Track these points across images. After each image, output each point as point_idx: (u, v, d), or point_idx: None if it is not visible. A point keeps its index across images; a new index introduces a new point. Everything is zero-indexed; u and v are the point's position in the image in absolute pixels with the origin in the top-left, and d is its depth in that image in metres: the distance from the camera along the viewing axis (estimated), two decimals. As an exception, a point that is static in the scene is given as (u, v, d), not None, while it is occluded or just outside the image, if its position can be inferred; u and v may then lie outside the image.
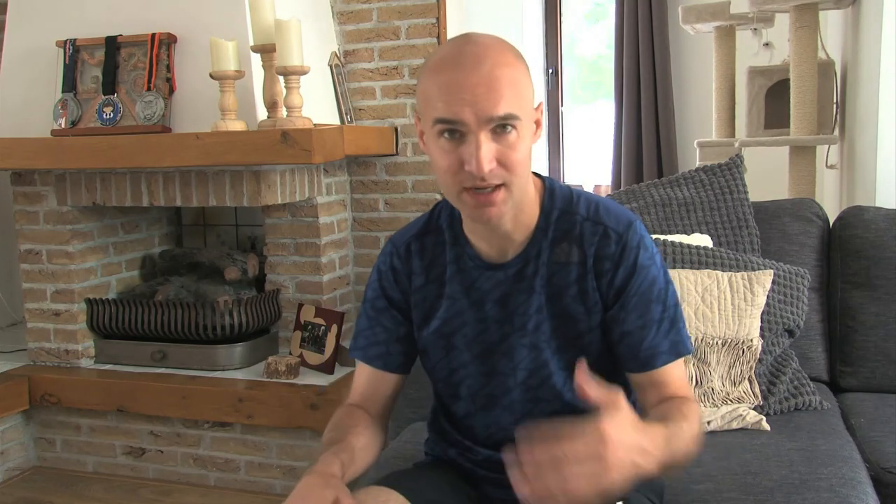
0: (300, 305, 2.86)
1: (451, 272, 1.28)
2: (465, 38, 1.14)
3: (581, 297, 1.23)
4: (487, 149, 1.10)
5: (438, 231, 1.31)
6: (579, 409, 1.24)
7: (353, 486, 1.23)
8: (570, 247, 1.23)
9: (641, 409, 1.35)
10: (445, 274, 1.29)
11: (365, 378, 1.35)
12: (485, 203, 1.13)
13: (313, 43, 2.79)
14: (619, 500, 1.02)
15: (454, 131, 1.11)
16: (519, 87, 1.12)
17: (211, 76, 2.52)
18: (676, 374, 1.23)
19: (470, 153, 1.10)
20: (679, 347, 1.23)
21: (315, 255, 2.86)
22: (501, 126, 1.10)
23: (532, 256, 1.24)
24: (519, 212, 1.20)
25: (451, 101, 1.09)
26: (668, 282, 1.24)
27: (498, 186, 1.12)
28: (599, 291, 1.22)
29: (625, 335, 1.22)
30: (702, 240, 2.00)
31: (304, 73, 2.49)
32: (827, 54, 3.19)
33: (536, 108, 1.17)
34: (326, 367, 2.74)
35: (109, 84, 2.72)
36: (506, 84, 1.10)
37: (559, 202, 1.25)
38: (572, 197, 1.26)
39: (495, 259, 1.26)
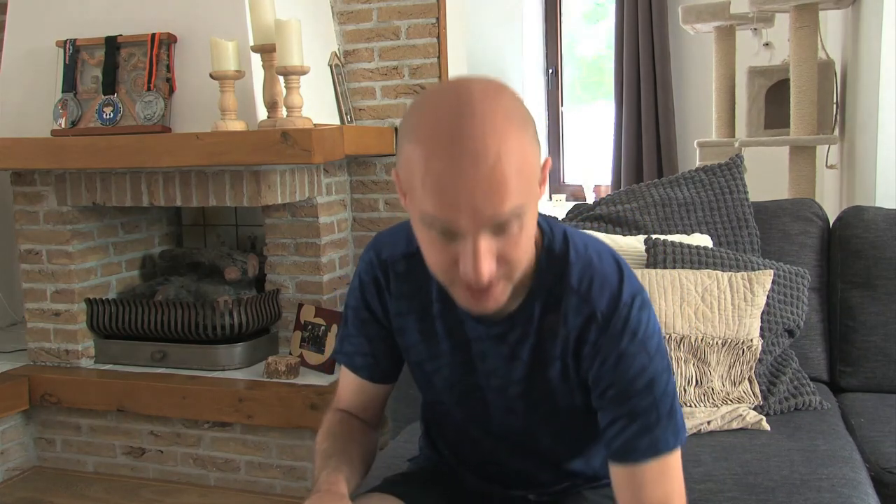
0: (300, 305, 2.86)
1: (437, 310, 1.16)
2: (460, 105, 0.91)
3: (563, 374, 1.11)
4: (487, 251, 0.92)
5: None
6: (562, 459, 1.24)
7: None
8: (557, 320, 1.09)
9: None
10: (432, 309, 1.16)
11: (353, 386, 1.31)
12: (480, 297, 0.98)
13: (313, 43, 2.79)
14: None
15: (447, 231, 0.93)
16: (527, 167, 0.92)
17: (211, 76, 2.52)
18: (654, 475, 1.06)
19: (466, 254, 0.92)
20: (659, 445, 1.05)
21: (315, 255, 2.86)
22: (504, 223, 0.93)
23: (520, 322, 1.10)
24: None
25: (445, 202, 0.90)
26: (662, 370, 1.07)
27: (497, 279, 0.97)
28: (578, 375, 1.11)
29: (602, 422, 1.09)
30: (702, 240, 2.00)
31: (304, 73, 2.49)
32: (827, 54, 3.19)
33: (543, 166, 1.00)
34: (326, 367, 2.74)
35: (109, 84, 2.72)
36: (512, 175, 0.90)
37: (555, 266, 1.09)
38: (568, 259, 1.09)
39: None
